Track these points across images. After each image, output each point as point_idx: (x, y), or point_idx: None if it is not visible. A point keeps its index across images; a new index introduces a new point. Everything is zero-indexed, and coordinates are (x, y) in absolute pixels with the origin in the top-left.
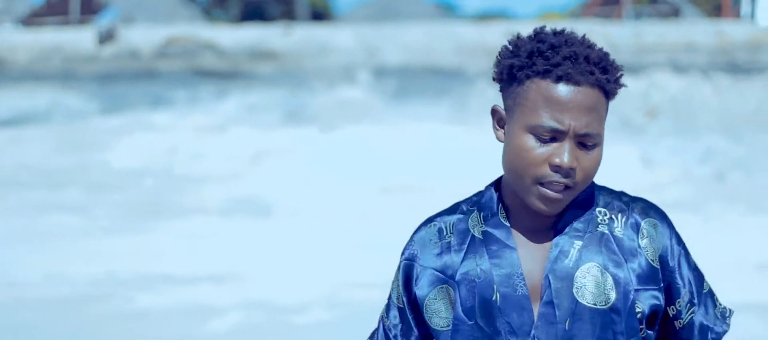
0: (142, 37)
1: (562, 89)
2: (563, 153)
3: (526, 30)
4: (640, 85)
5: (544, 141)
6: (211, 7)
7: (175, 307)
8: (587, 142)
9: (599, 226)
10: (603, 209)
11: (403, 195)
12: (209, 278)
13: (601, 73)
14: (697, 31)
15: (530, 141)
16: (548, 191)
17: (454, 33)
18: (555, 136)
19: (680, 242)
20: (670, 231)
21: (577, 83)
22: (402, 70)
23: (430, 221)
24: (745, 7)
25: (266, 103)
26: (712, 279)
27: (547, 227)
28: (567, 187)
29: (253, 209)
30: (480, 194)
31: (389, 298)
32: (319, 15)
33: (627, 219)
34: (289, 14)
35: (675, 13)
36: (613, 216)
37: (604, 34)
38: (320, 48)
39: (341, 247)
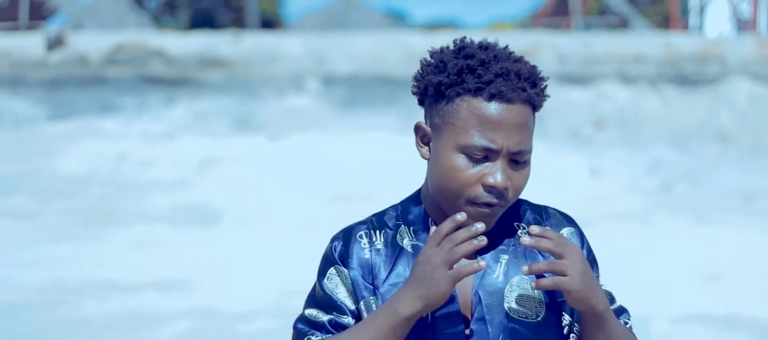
0: (90, 43)
1: (495, 108)
2: (497, 173)
3: (476, 39)
4: (588, 96)
5: (475, 160)
6: (161, 14)
7: (121, 314)
8: (519, 159)
9: (521, 239)
10: (522, 224)
11: (351, 204)
12: (156, 286)
13: (531, 89)
14: (645, 42)
15: (462, 161)
16: (482, 209)
17: (403, 42)
18: (487, 155)
19: (591, 251)
20: (582, 240)
21: (509, 101)
22: (351, 79)
23: (356, 231)
24: (693, 19)
25: (215, 111)
26: (659, 290)
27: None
28: (500, 207)
29: (200, 216)
30: (403, 209)
31: (328, 311)
32: (269, 23)
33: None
34: (238, 22)
35: (624, 24)
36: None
37: (553, 45)
38: (269, 56)
39: (289, 255)
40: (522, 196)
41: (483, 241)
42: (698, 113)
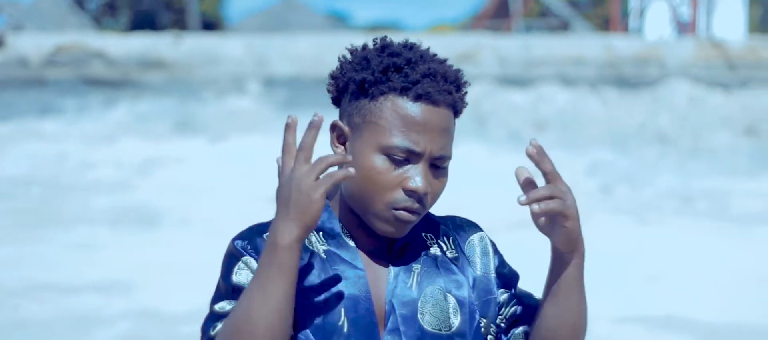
0: (30, 44)
1: (421, 109)
2: (418, 177)
3: (397, 39)
4: (528, 98)
5: (396, 163)
6: (101, 15)
7: (61, 316)
8: (440, 165)
9: (430, 249)
10: (429, 234)
11: None
12: (96, 287)
13: (456, 93)
14: (585, 44)
15: (382, 162)
16: (403, 213)
17: (344, 44)
18: (409, 157)
19: (503, 260)
20: (494, 248)
21: (435, 103)
22: (292, 81)
23: (260, 228)
24: (633, 22)
25: (155, 113)
26: (599, 291)
27: (381, 250)
28: (418, 214)
29: (141, 218)
30: None
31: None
32: (210, 24)
33: (452, 238)
34: (180, 23)
35: (564, 26)
36: (439, 241)
37: (494, 47)
38: (210, 58)
39: None
40: (461, 198)
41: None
42: (638, 115)
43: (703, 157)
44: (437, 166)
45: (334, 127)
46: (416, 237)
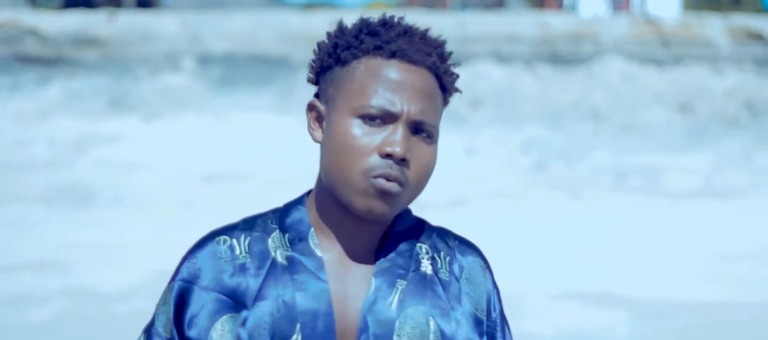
0: None
1: (396, 66)
2: (395, 139)
3: (352, 19)
4: (463, 75)
5: (373, 127)
6: None
7: None
8: (423, 130)
9: (422, 265)
10: (424, 246)
11: (227, 183)
12: (31, 267)
13: (439, 60)
14: (520, 21)
15: (357, 127)
16: (381, 180)
17: (279, 21)
18: (385, 120)
19: (498, 291)
20: (492, 279)
21: (412, 62)
22: (227, 58)
23: (217, 234)
24: None
25: (90, 90)
26: (534, 267)
27: (365, 258)
28: (400, 183)
29: (76, 196)
30: (282, 212)
31: (153, 324)
32: (144, 2)
33: (451, 261)
34: (114, 1)
35: (499, 3)
36: (435, 255)
37: (429, 24)
38: (144, 35)
39: (164, 235)
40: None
41: None
42: (572, 92)
43: (636, 134)
44: (421, 133)
45: (311, 107)
46: (409, 248)
